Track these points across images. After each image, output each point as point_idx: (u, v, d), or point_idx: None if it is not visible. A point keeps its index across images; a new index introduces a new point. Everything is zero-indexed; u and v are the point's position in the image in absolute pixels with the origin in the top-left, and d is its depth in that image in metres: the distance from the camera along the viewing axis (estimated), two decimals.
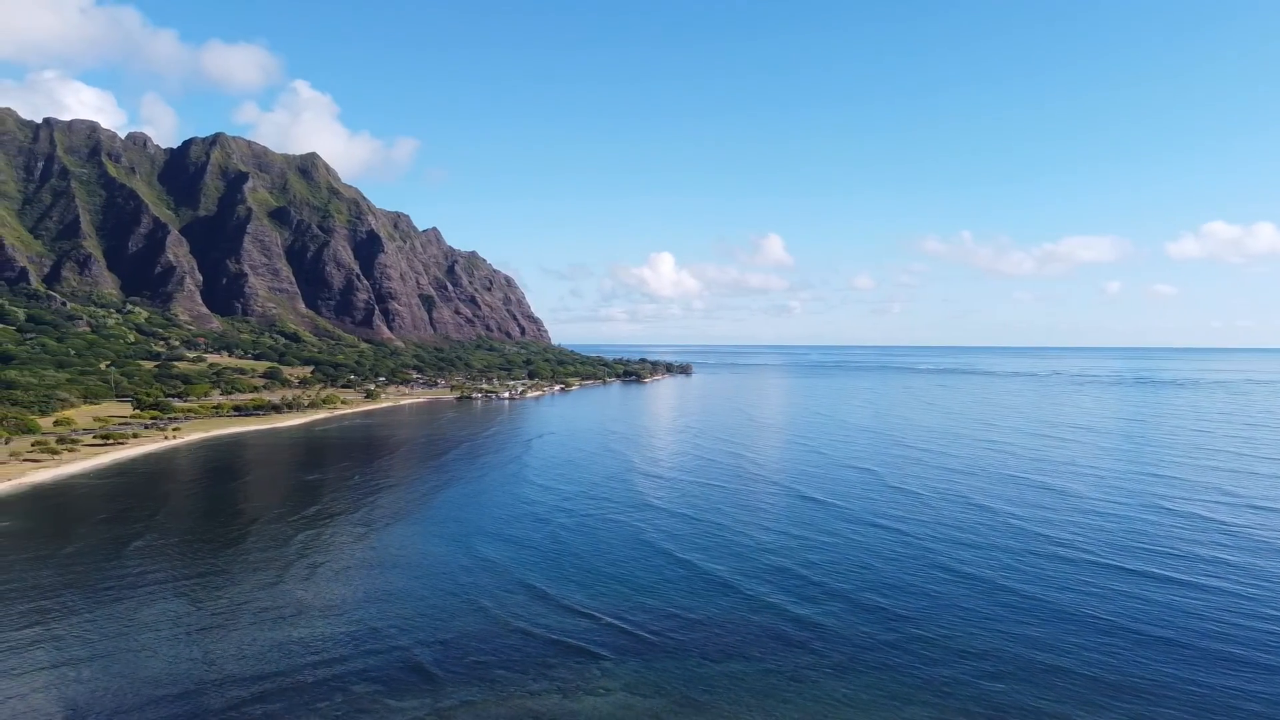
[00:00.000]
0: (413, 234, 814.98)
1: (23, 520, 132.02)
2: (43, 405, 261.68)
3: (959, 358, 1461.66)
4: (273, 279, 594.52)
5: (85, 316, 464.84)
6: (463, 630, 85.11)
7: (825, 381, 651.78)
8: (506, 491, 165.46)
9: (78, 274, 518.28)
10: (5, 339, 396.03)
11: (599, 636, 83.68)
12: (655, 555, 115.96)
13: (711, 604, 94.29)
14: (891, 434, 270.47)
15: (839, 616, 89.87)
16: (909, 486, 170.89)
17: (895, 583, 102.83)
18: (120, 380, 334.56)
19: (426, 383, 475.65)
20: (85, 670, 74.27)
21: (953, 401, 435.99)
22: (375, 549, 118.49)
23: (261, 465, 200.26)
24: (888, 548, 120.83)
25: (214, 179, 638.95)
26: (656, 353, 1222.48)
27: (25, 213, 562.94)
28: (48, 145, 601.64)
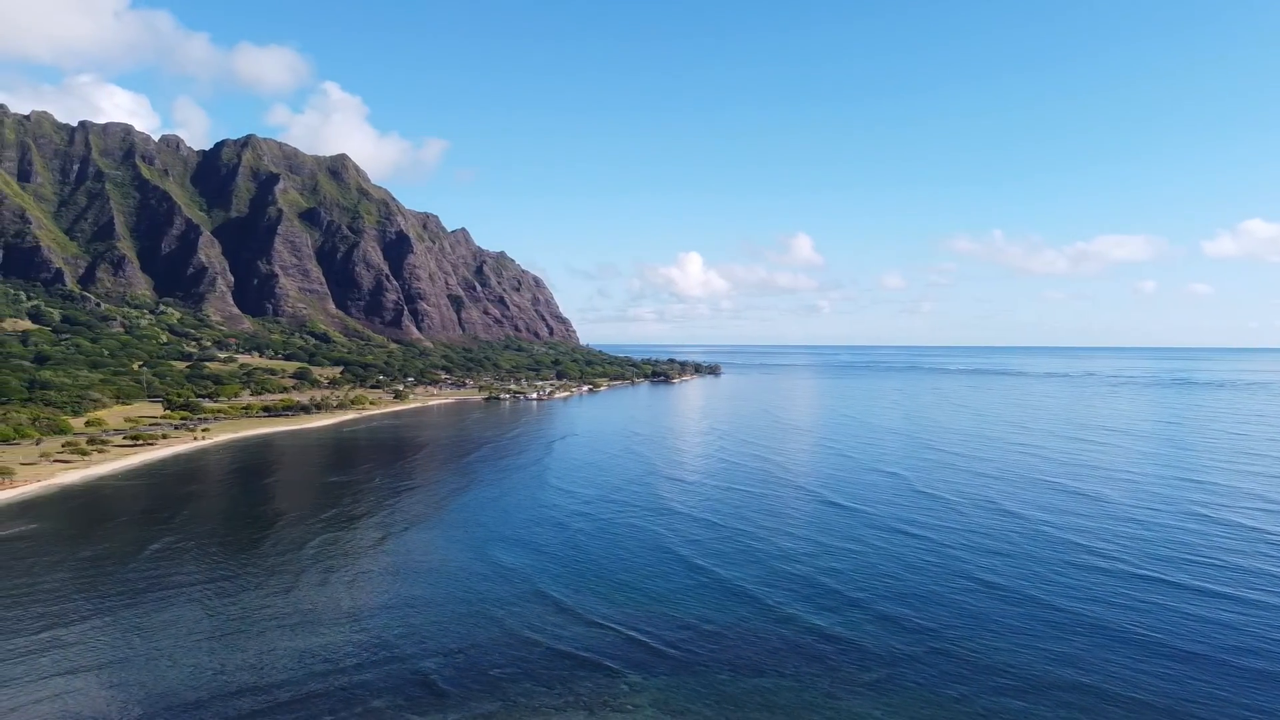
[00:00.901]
0: (441, 234, 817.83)
1: (48, 522, 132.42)
2: (75, 406, 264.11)
3: (990, 358, 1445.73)
4: (303, 280, 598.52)
5: (119, 317, 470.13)
6: (476, 642, 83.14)
7: (854, 382, 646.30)
8: (526, 495, 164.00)
9: (112, 275, 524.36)
10: (41, 339, 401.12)
11: (621, 650, 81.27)
12: (677, 563, 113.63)
13: (736, 615, 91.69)
14: (920, 436, 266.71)
15: (868, 631, 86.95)
16: (937, 491, 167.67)
17: (925, 594, 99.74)
18: (152, 380, 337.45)
19: (455, 383, 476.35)
20: (90, 678, 73.48)
21: (983, 403, 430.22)
22: (390, 555, 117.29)
23: (287, 467, 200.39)
24: (916, 556, 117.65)
25: (245, 180, 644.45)
26: (685, 353, 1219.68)
27: (61, 214, 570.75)
28: (83, 148, 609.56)
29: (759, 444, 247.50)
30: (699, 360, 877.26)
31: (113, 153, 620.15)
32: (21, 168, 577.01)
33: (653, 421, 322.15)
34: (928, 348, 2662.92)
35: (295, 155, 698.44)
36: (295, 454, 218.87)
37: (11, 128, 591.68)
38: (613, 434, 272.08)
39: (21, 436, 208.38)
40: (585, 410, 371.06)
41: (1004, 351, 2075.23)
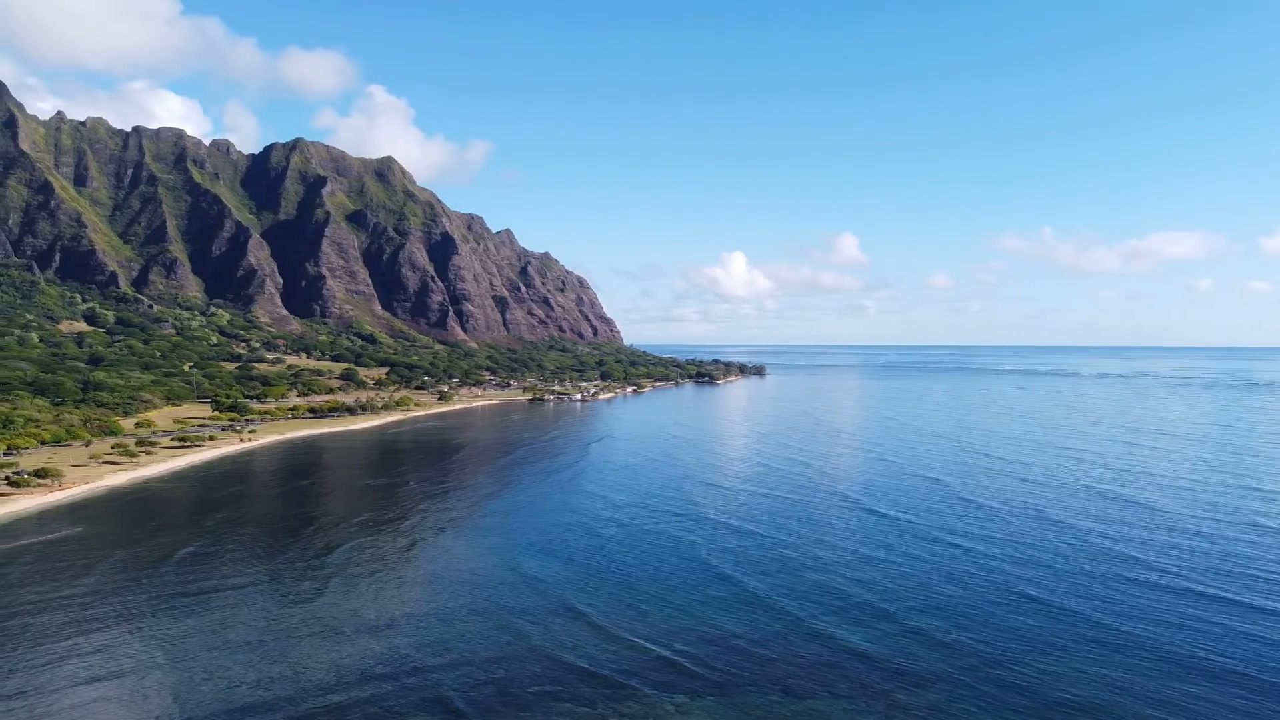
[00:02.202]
0: (486, 236, 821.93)
1: (93, 525, 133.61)
2: (126, 407, 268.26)
3: (1041, 358, 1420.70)
4: (350, 281, 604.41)
5: (170, 319, 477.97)
6: (502, 659, 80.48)
7: (900, 383, 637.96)
8: (559, 500, 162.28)
9: (164, 277, 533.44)
10: (95, 341, 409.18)
11: (659, 668, 78.39)
12: (711, 575, 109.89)
13: (775, 632, 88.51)
14: (966, 440, 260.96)
15: (916, 651, 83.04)
16: (983, 499, 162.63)
17: (974, 612, 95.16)
18: (202, 382, 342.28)
19: (499, 384, 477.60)
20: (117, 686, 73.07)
21: (1032, 405, 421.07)
22: (419, 563, 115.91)
23: (329, 470, 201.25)
24: (961, 569, 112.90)
25: (293, 183, 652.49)
26: (729, 353, 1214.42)
27: (115, 218, 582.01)
28: (137, 153, 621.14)
29: (799, 447, 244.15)
30: (744, 361, 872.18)
31: (165, 157, 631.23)
32: (78, 173, 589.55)
33: (693, 424, 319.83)
34: (976, 347, 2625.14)
35: (342, 158, 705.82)
36: (338, 456, 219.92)
37: (68, 134, 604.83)
38: (651, 436, 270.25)
39: (73, 438, 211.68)
40: (628, 412, 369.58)
41: (1055, 351, 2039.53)
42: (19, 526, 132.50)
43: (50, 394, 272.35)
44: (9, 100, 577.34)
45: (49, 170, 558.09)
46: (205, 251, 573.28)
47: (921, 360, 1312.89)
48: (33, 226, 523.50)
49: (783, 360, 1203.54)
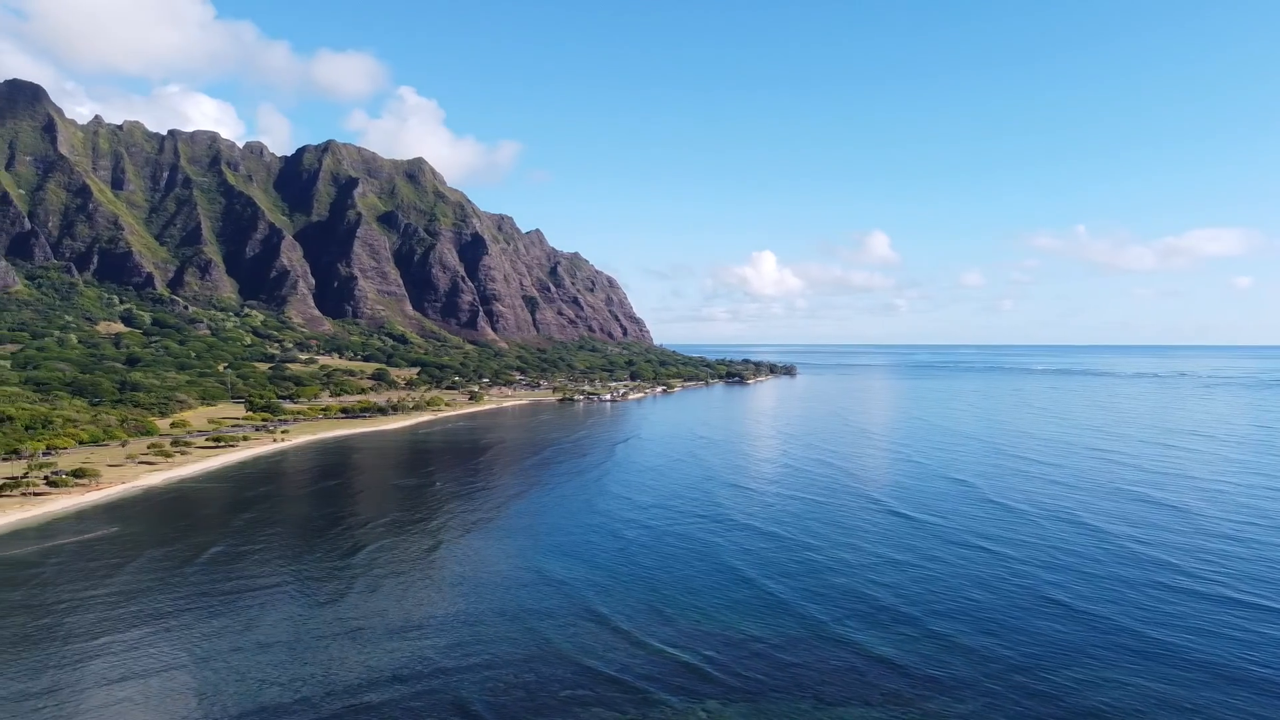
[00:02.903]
0: (516, 236, 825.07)
1: (128, 525, 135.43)
2: (162, 407, 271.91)
3: (1075, 357, 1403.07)
4: (381, 282, 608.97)
5: (205, 320, 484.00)
6: (524, 664, 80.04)
7: (931, 383, 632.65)
8: (583, 501, 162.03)
9: (199, 279, 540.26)
10: (132, 342, 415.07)
11: (686, 675, 77.82)
12: (737, 580, 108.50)
13: (801, 638, 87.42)
14: (996, 442, 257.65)
15: (945, 659, 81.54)
16: (1014, 503, 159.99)
17: (1004, 619, 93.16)
18: (236, 382, 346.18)
19: (529, 384, 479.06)
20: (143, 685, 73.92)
21: (1065, 406, 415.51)
22: (442, 565, 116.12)
23: (359, 470, 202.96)
24: (991, 575, 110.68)
25: (325, 185, 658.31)
26: (759, 353, 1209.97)
27: (152, 220, 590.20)
28: (172, 156, 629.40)
29: (827, 448, 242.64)
30: (774, 360, 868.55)
31: (200, 160, 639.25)
32: (115, 176, 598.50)
33: (720, 424, 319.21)
34: (1009, 346, 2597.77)
35: (373, 159, 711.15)
36: (369, 456, 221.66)
37: (106, 138, 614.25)
38: (678, 437, 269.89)
39: (110, 438, 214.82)
40: (657, 412, 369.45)
41: (1090, 350, 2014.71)
42: (57, 526, 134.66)
43: (88, 394, 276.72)
44: (48, 105, 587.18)
45: (87, 173, 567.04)
46: (239, 253, 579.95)
47: (953, 360, 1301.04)
48: (71, 229, 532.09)
49: (813, 360, 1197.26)
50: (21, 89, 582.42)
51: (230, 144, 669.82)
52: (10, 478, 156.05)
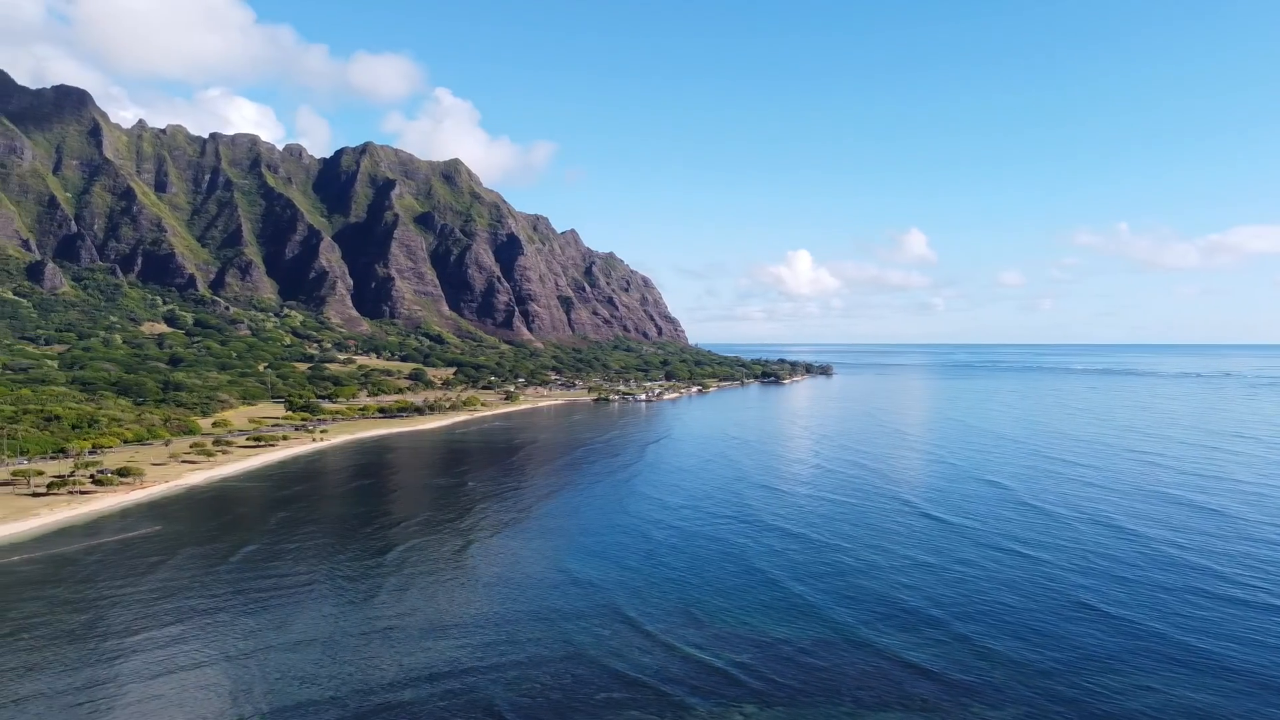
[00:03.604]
0: (551, 236, 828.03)
1: (171, 523, 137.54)
2: (204, 406, 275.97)
3: (1116, 356, 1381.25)
4: (418, 282, 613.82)
5: (246, 320, 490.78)
6: (552, 668, 79.58)
7: (969, 383, 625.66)
8: (612, 502, 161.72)
9: (240, 280, 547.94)
10: (175, 342, 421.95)
11: (719, 682, 77.13)
12: (766, 583, 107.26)
13: (835, 644, 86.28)
14: (1033, 443, 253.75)
15: (983, 668, 79.76)
16: (1049, 505, 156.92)
17: (1040, 626, 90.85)
18: (276, 382, 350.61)
19: (564, 384, 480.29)
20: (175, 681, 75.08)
21: (1105, 406, 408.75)
22: (472, 564, 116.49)
23: (395, 470, 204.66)
24: (1026, 580, 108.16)
25: (363, 187, 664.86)
26: (795, 352, 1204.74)
27: (194, 222, 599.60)
28: (213, 159, 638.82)
29: (860, 449, 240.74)
30: (810, 360, 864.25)
31: (240, 162, 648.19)
32: (159, 179, 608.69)
33: (754, 424, 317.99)
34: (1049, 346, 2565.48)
35: (410, 161, 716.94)
36: (405, 456, 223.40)
37: (149, 142, 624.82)
38: (710, 437, 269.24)
39: (154, 437, 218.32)
40: (691, 412, 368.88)
41: (1132, 350, 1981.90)
42: (102, 524, 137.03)
43: (133, 394, 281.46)
44: (94, 110, 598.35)
45: (131, 177, 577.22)
46: (279, 254, 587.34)
47: (992, 359, 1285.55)
48: (116, 231, 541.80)
49: (850, 360, 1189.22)
50: (68, 94, 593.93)
51: (270, 147, 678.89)
52: (58, 476, 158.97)
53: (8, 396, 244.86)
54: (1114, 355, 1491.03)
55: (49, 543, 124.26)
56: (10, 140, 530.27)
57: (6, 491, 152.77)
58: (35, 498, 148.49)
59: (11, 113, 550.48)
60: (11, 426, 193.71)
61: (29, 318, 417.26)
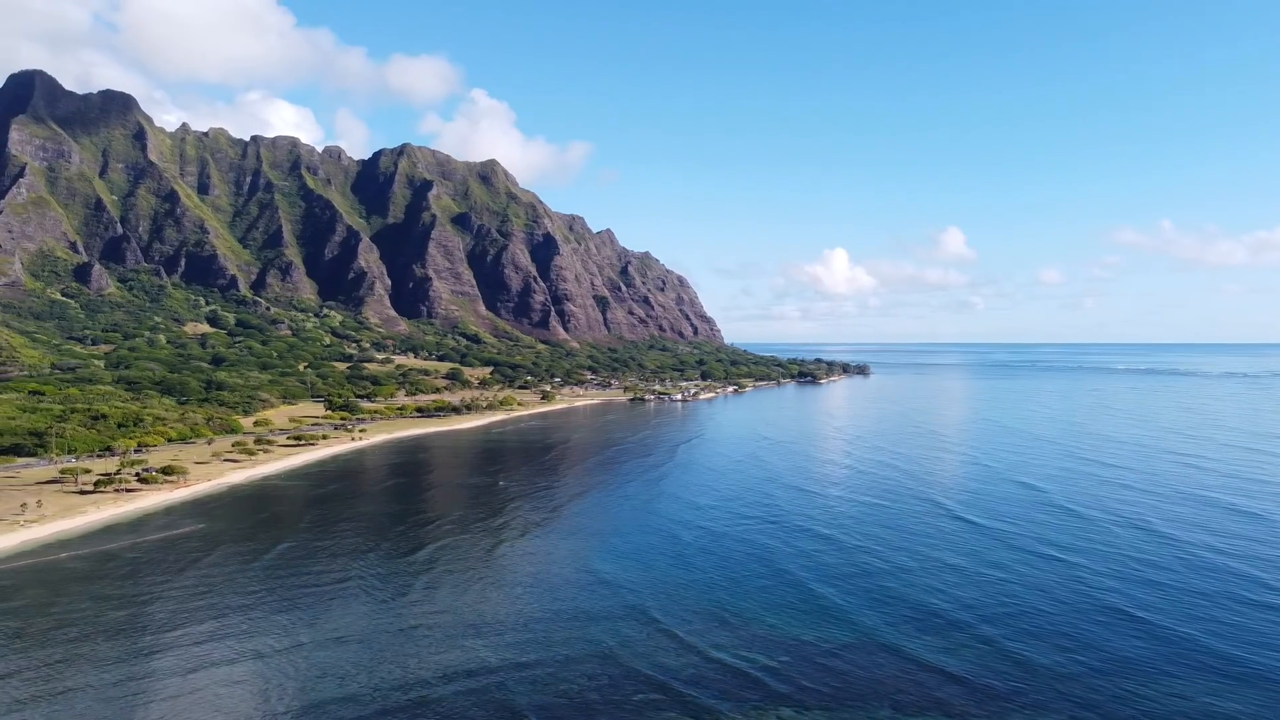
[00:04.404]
0: (587, 236, 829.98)
1: (214, 521, 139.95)
2: (246, 406, 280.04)
3: (1160, 356, 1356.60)
4: (455, 282, 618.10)
5: (286, 321, 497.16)
6: (578, 671, 79.71)
7: (1007, 383, 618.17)
8: (642, 502, 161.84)
9: (280, 280, 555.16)
10: (217, 342, 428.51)
11: (752, 684, 77.08)
12: (794, 586, 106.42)
13: (867, 647, 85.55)
14: (1070, 445, 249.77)
15: (1014, 675, 78.74)
16: (1085, 509, 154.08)
17: (1075, 634, 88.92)
18: (315, 381, 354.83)
19: (600, 383, 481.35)
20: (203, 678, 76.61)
21: (1147, 407, 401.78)
22: (501, 564, 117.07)
23: (431, 469, 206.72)
24: (1062, 586, 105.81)
25: (401, 188, 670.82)
26: (832, 352, 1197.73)
27: (235, 224, 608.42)
28: (254, 161, 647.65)
29: (892, 450, 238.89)
30: (846, 360, 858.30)
31: (281, 165, 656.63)
32: (201, 181, 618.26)
33: (787, 425, 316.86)
34: (1091, 345, 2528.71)
35: (447, 162, 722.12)
36: (442, 455, 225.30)
37: (192, 144, 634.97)
38: (743, 438, 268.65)
39: (197, 436, 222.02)
40: (725, 412, 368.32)
41: (1176, 349, 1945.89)
42: (147, 522, 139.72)
43: (176, 393, 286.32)
44: (138, 114, 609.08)
45: (175, 179, 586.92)
46: (318, 255, 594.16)
47: (1032, 359, 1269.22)
48: (160, 233, 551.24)
49: (887, 359, 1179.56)
50: (114, 99, 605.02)
51: (310, 149, 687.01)
52: (104, 474, 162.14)
53: (56, 396, 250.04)
54: (1157, 354, 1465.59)
55: (96, 540, 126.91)
56: (59, 144, 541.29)
57: (55, 489, 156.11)
58: (83, 495, 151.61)
59: (60, 117, 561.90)
60: (60, 425, 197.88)
61: (76, 318, 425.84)
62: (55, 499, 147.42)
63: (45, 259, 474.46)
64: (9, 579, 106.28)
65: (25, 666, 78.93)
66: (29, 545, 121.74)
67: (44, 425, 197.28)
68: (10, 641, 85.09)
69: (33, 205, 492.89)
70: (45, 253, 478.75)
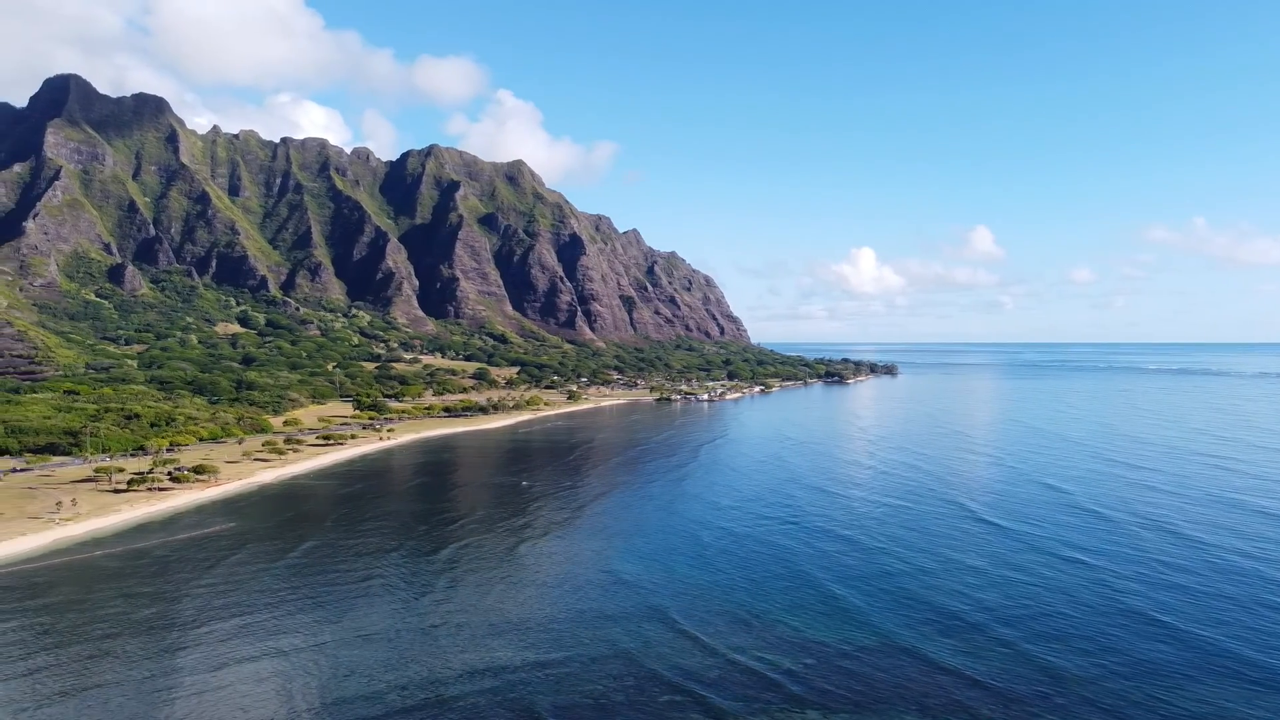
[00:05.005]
0: (613, 236, 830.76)
1: (244, 520, 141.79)
2: (275, 405, 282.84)
3: (1192, 356, 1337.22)
4: (481, 282, 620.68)
5: (315, 321, 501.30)
6: (597, 670, 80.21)
7: (1035, 383, 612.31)
8: (663, 503, 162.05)
9: (309, 281, 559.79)
10: (248, 342, 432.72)
11: (775, 687, 77.08)
12: (813, 588, 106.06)
13: (889, 650, 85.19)
14: (1098, 446, 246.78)
15: (1037, 680, 78.16)
16: (1112, 511, 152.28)
17: (1101, 640, 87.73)
18: (344, 381, 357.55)
19: (626, 383, 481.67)
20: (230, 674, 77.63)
21: (1177, 407, 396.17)
22: (522, 564, 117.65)
23: (456, 469, 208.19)
24: (1087, 591, 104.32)
25: (428, 188, 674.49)
26: (859, 352, 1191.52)
27: (265, 225, 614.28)
28: (284, 163, 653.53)
29: (917, 451, 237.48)
30: (874, 360, 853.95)
31: (310, 166, 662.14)
32: (232, 183, 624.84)
33: (812, 425, 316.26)
34: (1122, 345, 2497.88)
35: (474, 163, 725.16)
36: (468, 456, 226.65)
37: (223, 147, 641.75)
38: (766, 438, 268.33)
39: (228, 435, 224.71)
40: (751, 412, 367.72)
41: (1208, 349, 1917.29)
42: (179, 520, 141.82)
43: (208, 393, 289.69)
44: (171, 117, 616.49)
45: (206, 181, 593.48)
46: (347, 255, 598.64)
47: (1062, 359, 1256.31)
48: (192, 234, 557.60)
49: (915, 359, 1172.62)
50: (147, 102, 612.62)
51: (338, 150, 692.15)
52: (138, 473, 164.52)
53: (90, 395, 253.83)
54: (1190, 354, 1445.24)
55: (129, 538, 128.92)
56: (93, 147, 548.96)
57: (90, 488, 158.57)
58: (116, 494, 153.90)
59: (94, 121, 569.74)
60: (94, 425, 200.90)
61: (110, 319, 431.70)
62: (90, 497, 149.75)
63: (80, 260, 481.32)
64: (44, 576, 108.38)
65: (58, 661, 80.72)
66: (64, 543, 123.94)
67: (79, 425, 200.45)
68: (44, 637, 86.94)
69: (68, 207, 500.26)
70: (80, 254, 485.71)
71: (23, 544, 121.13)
